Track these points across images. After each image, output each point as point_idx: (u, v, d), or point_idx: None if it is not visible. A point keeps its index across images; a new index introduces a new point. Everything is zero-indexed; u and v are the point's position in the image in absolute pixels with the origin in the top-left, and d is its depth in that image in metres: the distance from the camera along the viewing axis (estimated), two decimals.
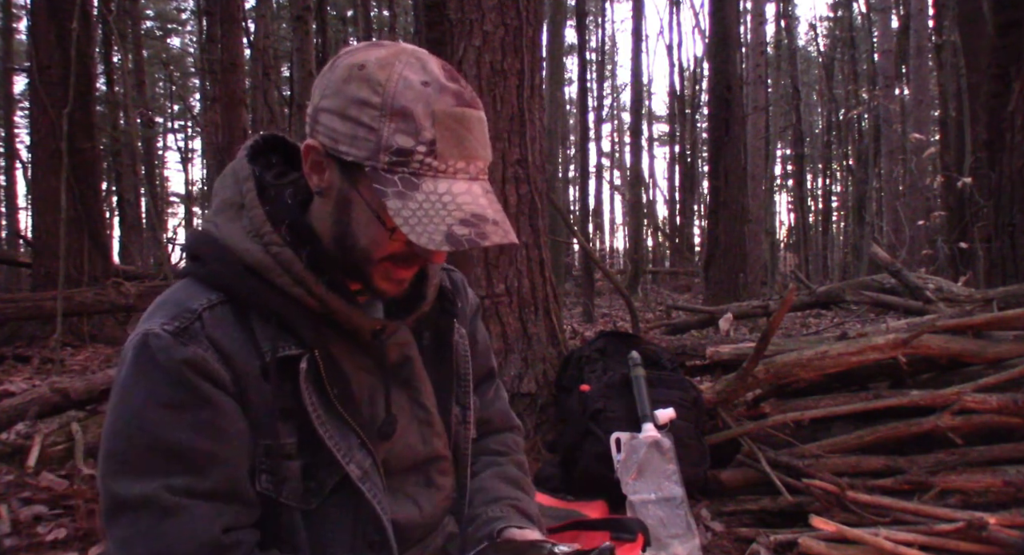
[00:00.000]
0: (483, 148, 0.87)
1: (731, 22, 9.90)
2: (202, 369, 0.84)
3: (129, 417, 0.83)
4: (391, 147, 0.82)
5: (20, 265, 9.33)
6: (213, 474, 0.84)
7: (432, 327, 1.07)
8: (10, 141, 18.59)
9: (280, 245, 0.88)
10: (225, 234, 0.89)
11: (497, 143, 2.93)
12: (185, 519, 0.82)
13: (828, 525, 2.11)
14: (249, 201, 0.90)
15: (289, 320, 0.88)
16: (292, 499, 0.89)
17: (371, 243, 0.88)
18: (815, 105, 27.74)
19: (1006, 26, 5.39)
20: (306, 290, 0.88)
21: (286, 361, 0.88)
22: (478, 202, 0.84)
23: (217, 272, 0.89)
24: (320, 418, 0.89)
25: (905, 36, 13.87)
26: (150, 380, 0.83)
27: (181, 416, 0.83)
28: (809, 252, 20.82)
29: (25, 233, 14.23)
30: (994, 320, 2.60)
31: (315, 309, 0.89)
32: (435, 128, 0.82)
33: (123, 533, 0.82)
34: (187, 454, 0.83)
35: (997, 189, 5.28)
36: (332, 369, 0.91)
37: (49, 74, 6.62)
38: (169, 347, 0.83)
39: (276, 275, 0.87)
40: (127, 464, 0.82)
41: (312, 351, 0.88)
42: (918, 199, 11.53)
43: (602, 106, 28.72)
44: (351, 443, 0.90)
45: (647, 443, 2.30)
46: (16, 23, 17.04)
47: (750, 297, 8.35)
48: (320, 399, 0.89)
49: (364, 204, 0.86)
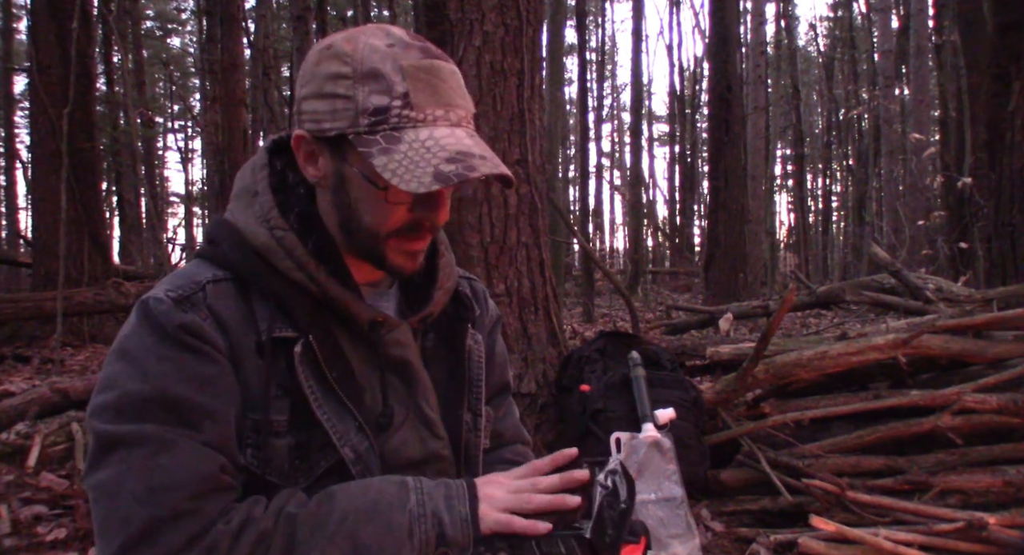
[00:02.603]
0: (460, 97, 0.88)
1: (731, 22, 9.90)
2: (199, 333, 0.85)
3: (127, 368, 0.83)
4: (368, 109, 0.84)
5: (20, 265, 9.34)
6: (208, 428, 0.83)
7: (440, 330, 1.04)
8: (10, 141, 18.61)
9: (285, 230, 0.89)
10: (238, 218, 0.92)
11: (497, 143, 2.93)
12: (184, 452, 0.80)
13: (828, 525, 2.11)
14: (261, 188, 0.93)
15: (288, 303, 0.89)
16: (276, 476, 0.88)
17: (373, 217, 0.89)
18: (815, 105, 27.74)
19: (1006, 26, 5.39)
20: (307, 275, 0.89)
21: (281, 342, 0.89)
22: (463, 142, 0.85)
23: (224, 252, 0.91)
24: (318, 400, 0.89)
25: (905, 36, 13.87)
26: (150, 336, 0.84)
27: (180, 370, 0.83)
28: (809, 252, 20.81)
29: (25, 233, 14.24)
30: (994, 320, 2.60)
31: (316, 295, 0.90)
32: (407, 81, 0.84)
33: (113, 471, 0.79)
34: (184, 405, 0.82)
35: (997, 189, 5.28)
36: (332, 353, 0.91)
37: (49, 74, 6.63)
38: (169, 311, 0.85)
39: (279, 259, 0.89)
40: (121, 411, 0.81)
41: (307, 335, 0.88)
42: (918, 199, 11.52)
43: (602, 106, 28.73)
44: (348, 426, 0.90)
45: (647, 443, 2.30)
46: (16, 23, 17.06)
47: (750, 297, 8.35)
48: (318, 381, 0.89)
49: (358, 176, 0.87)
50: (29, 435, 2.94)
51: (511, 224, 2.93)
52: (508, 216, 2.93)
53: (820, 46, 24.34)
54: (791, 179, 25.17)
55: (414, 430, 0.99)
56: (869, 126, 18.60)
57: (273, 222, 0.90)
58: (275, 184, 0.95)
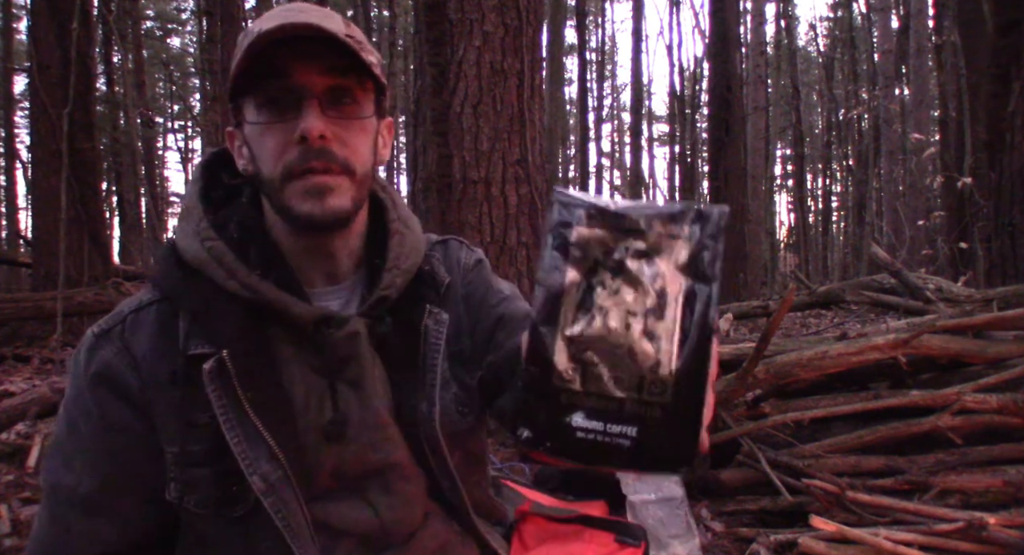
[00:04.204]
0: (311, 11, 0.86)
1: (731, 22, 9.90)
2: (110, 379, 0.87)
3: (59, 427, 0.91)
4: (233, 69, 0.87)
5: (20, 265, 9.33)
6: (108, 513, 0.89)
7: (398, 314, 0.96)
8: (10, 141, 18.58)
9: (213, 239, 0.88)
10: (177, 236, 0.91)
11: (497, 143, 2.93)
12: (74, 538, 0.88)
13: (828, 525, 2.11)
14: (192, 203, 0.92)
15: (212, 317, 0.86)
16: (203, 508, 0.86)
17: (266, 163, 0.87)
18: (815, 105, 27.74)
19: (1006, 26, 5.39)
20: (239, 283, 0.86)
21: (200, 360, 0.85)
22: (289, 9, 0.86)
23: (155, 272, 0.92)
24: (230, 422, 0.84)
25: (905, 36, 13.87)
26: (73, 389, 0.90)
27: (92, 438, 0.88)
28: (809, 252, 20.82)
29: (25, 233, 14.24)
30: (994, 320, 2.60)
31: (253, 303, 0.87)
32: (256, 24, 0.86)
33: (41, 510, 0.91)
34: (89, 500, 0.88)
35: (997, 189, 5.28)
36: (254, 368, 0.85)
37: (49, 74, 6.62)
38: (87, 357, 0.89)
39: (211, 270, 0.86)
40: (51, 469, 0.90)
41: (221, 351, 0.84)
42: (918, 199, 11.53)
43: (602, 106, 28.72)
44: (258, 453, 0.84)
45: None
46: (16, 23, 17.05)
47: (750, 297, 8.35)
48: (232, 402, 0.84)
49: (246, 126, 0.90)
50: (29, 435, 2.94)
51: (511, 224, 2.94)
52: (508, 216, 2.94)
53: (820, 46, 24.35)
54: (791, 179, 25.18)
55: (366, 436, 0.92)
56: (869, 126, 18.60)
57: (203, 233, 0.88)
58: (221, 197, 0.95)
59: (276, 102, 0.86)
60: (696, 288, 0.57)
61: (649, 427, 0.55)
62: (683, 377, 0.55)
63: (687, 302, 0.57)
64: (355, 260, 0.97)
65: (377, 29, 17.71)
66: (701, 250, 0.59)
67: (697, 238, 0.59)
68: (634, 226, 0.58)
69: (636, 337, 0.56)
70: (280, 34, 0.81)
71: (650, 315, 0.56)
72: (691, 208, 0.60)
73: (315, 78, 0.85)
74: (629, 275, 0.57)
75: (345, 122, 0.88)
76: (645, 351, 0.55)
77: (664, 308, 0.57)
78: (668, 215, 0.59)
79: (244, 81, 0.86)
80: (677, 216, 0.59)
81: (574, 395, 0.55)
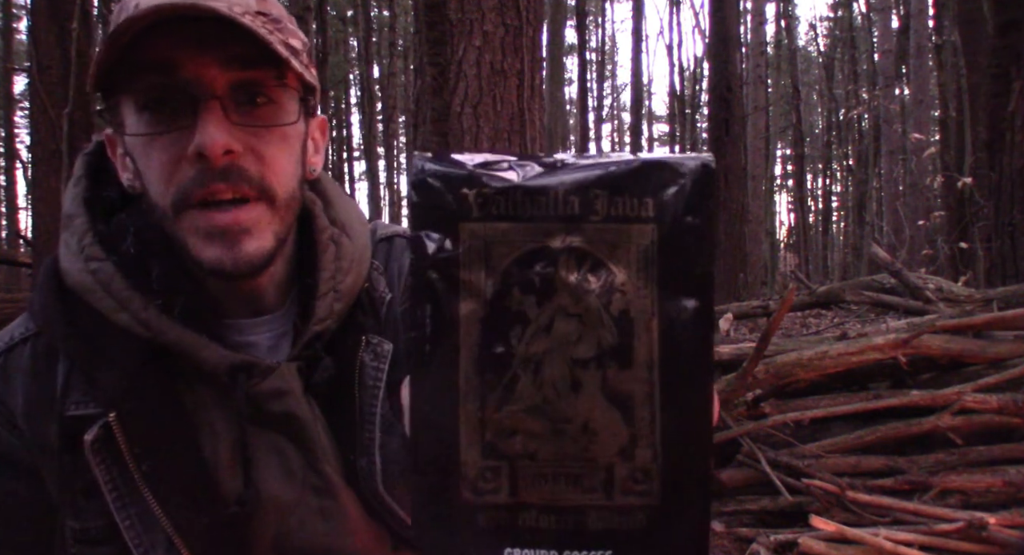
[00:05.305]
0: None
1: (731, 22, 9.91)
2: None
3: None
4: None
5: (20, 265, 9.33)
6: None
7: (336, 349, 0.76)
8: (10, 141, 18.61)
9: (100, 258, 0.68)
10: (60, 252, 0.71)
11: (497, 143, 2.93)
12: None
13: (828, 525, 2.11)
14: (74, 209, 0.72)
15: (97, 365, 0.67)
16: None
17: (154, 183, 0.67)
18: (815, 105, 27.75)
19: (1006, 26, 5.39)
20: (131, 316, 0.66)
21: (81, 422, 0.67)
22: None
23: (32, 300, 0.72)
24: (120, 500, 0.67)
25: (905, 36, 13.87)
26: None
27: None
28: (809, 252, 20.83)
29: (25, 233, 14.23)
30: (994, 320, 2.60)
31: (150, 342, 0.67)
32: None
33: None
34: None
35: (997, 189, 5.28)
36: (150, 434, 0.67)
37: (49, 74, 6.61)
38: None
39: (97, 298, 0.67)
40: None
41: (108, 413, 0.66)
42: (918, 199, 11.53)
43: (602, 106, 28.72)
44: (155, 539, 0.67)
45: None
46: (16, 23, 17.07)
47: (750, 297, 8.35)
48: (122, 478, 0.66)
49: (126, 135, 0.69)
50: None
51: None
52: None
53: (820, 46, 24.37)
54: (791, 179, 25.20)
55: (315, 507, 0.73)
56: (869, 126, 18.62)
57: (87, 251, 0.68)
58: (115, 198, 0.74)
59: (162, 104, 0.65)
60: (678, 304, 0.35)
61: (630, 548, 0.35)
62: (677, 459, 0.34)
63: (667, 330, 0.34)
64: (284, 287, 0.77)
65: (377, 29, 17.73)
66: (679, 236, 0.35)
67: (671, 214, 0.35)
68: (563, 210, 0.34)
69: (591, 402, 0.34)
70: (155, 17, 0.60)
71: (609, 360, 0.34)
72: (654, 163, 0.35)
73: (214, 72, 0.64)
74: (564, 295, 0.34)
75: (259, 130, 0.67)
76: (609, 423, 0.34)
77: (631, 345, 0.34)
78: (614, 182, 0.35)
79: (116, 74, 0.65)
80: (630, 182, 0.35)
81: (499, 514, 0.34)
